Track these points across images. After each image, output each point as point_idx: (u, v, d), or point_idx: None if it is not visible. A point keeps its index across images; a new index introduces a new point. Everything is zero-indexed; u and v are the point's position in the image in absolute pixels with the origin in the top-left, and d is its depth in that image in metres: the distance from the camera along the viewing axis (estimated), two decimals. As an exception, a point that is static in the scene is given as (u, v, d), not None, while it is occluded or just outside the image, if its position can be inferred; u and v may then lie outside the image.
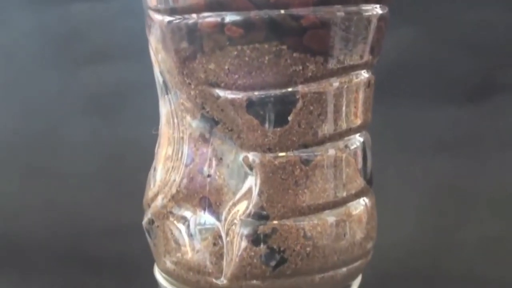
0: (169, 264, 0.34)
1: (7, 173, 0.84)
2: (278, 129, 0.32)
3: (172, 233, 0.34)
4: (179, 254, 0.34)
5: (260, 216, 0.32)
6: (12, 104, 0.87)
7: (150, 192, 0.36)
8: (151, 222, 0.35)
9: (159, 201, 0.35)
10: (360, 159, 0.34)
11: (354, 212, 0.34)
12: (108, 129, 0.85)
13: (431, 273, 0.74)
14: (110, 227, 0.79)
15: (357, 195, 0.34)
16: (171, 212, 0.34)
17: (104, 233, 0.79)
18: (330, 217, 0.33)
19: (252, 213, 0.32)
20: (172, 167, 0.34)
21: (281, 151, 0.32)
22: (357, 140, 0.34)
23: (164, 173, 0.35)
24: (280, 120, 0.31)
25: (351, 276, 0.35)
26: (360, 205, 0.34)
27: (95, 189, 0.82)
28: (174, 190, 0.34)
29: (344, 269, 0.34)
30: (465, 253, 0.76)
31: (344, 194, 0.33)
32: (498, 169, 0.81)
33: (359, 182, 0.34)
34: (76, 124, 0.86)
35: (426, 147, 0.82)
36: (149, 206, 0.36)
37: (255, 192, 0.32)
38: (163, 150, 0.35)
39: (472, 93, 0.83)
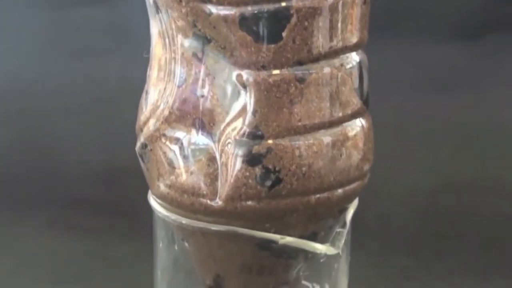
0: (162, 188, 0.34)
1: (1, 116, 0.84)
2: (272, 45, 0.31)
3: (165, 156, 0.33)
4: (172, 177, 0.33)
5: (254, 135, 0.31)
6: (3, 48, 0.86)
7: (142, 116, 0.35)
8: (144, 146, 0.35)
9: (151, 124, 0.34)
10: (356, 79, 0.33)
11: (350, 133, 0.33)
12: (100, 70, 0.84)
13: (429, 212, 0.74)
14: (105, 169, 0.79)
15: (354, 116, 0.33)
16: (164, 135, 0.33)
17: (98, 175, 0.78)
18: (325, 137, 0.32)
19: (246, 132, 0.31)
20: (164, 89, 0.33)
21: (275, 68, 0.31)
22: (353, 59, 0.33)
23: (156, 96, 0.34)
24: (274, 36, 0.31)
25: (348, 199, 0.34)
26: (357, 126, 0.34)
27: (88, 131, 0.82)
28: (166, 112, 0.33)
29: (340, 191, 0.33)
30: (463, 192, 0.76)
31: (340, 113, 0.33)
32: (496, 107, 0.80)
33: (356, 102, 0.33)
34: (67, 66, 0.85)
35: (423, 85, 0.81)
36: (141, 130, 0.35)
37: (249, 111, 0.31)
38: (155, 72, 0.34)
39: (470, 31, 0.82)
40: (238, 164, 0.31)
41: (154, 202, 0.36)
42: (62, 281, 0.60)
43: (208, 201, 0.32)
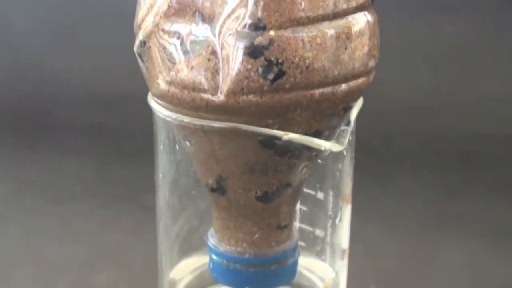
0: (163, 85, 0.33)
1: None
2: None
3: (165, 51, 0.32)
4: (172, 73, 0.32)
5: (256, 26, 0.30)
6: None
7: (140, 13, 0.34)
8: (143, 44, 0.34)
9: (149, 21, 0.33)
10: (361, -31, 0.32)
11: (355, 26, 0.32)
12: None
13: (431, 132, 0.74)
14: (105, 94, 0.78)
15: (358, 9, 0.32)
16: (163, 30, 0.32)
17: (99, 100, 0.78)
18: (329, 29, 0.31)
19: (248, 24, 0.30)
20: (163, -18, 0.32)
21: (277, -45, 0.30)
22: (357, -51, 0.32)
23: (154, -10, 0.33)
24: None
25: (352, 95, 0.33)
26: (361, 20, 0.33)
27: (88, 56, 0.81)
28: (165, 7, 0.32)
29: (345, 86, 0.33)
30: (465, 112, 0.75)
31: (345, 5, 0.32)
32: (502, 29, 0.79)
33: (360, -6, 0.32)
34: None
35: (429, 8, 0.79)
36: (140, 28, 0.34)
37: (251, 1, 0.30)
38: (153, -34, 0.33)
39: None
40: (240, 56, 0.31)
41: (154, 104, 0.35)
42: (64, 202, 0.61)
43: (210, 96, 0.31)
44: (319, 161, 0.37)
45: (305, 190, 0.40)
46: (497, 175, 0.66)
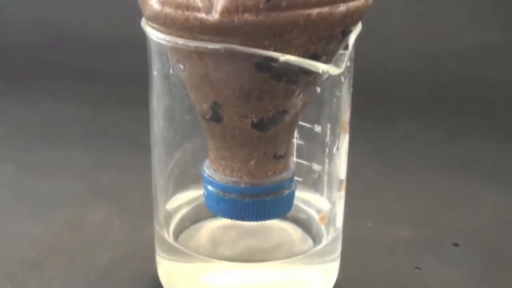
0: (156, 6, 0.32)
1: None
2: None
3: (157, -32, 0.31)
4: (166, -8, 0.31)
5: None
6: None
7: None
8: (135, -37, 0.33)
9: None
10: None
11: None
12: None
13: (434, 77, 0.73)
14: (103, 38, 0.77)
15: None
16: None
17: (97, 44, 0.77)
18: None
19: None
20: None
21: None
22: None
23: None
24: None
25: (351, 17, 0.32)
26: None
27: (86, 1, 0.80)
28: None
29: (343, 6, 0.32)
30: (467, 58, 0.75)
31: None
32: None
33: None
34: None
35: None
36: None
37: None
38: None
39: None
40: (235, -28, 0.30)
41: (148, 28, 0.34)
42: (58, 142, 0.60)
43: (204, 15, 0.31)
44: (317, 89, 0.36)
45: (302, 123, 0.39)
46: (497, 120, 0.66)
